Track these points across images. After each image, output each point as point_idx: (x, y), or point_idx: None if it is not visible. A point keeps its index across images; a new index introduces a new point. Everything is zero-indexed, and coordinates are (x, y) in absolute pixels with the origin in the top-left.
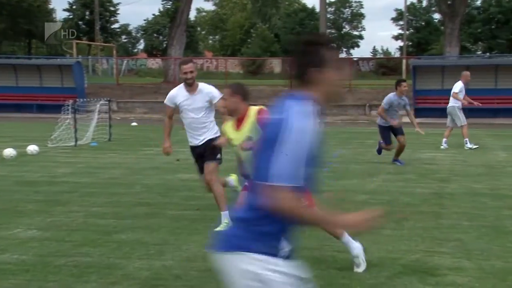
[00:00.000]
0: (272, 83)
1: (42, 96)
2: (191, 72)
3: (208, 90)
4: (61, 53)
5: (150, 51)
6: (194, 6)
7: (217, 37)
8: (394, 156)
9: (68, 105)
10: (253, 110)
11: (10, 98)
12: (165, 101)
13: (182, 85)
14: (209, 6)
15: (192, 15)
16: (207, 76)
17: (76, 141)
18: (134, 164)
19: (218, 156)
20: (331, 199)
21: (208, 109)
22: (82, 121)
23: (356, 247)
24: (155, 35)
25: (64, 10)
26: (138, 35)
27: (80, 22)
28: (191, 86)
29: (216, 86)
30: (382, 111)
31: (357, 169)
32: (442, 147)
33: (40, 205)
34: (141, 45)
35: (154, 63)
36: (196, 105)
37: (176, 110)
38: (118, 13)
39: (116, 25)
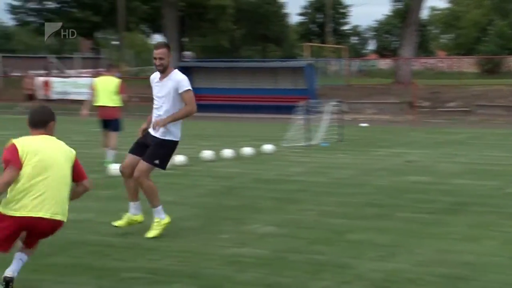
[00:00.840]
0: (510, 83)
1: (276, 97)
2: (161, 58)
3: (178, 78)
4: (294, 56)
5: (381, 52)
6: (427, 5)
7: (451, 35)
8: None
9: (300, 106)
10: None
11: (247, 99)
12: None
13: None
14: (444, 4)
15: (426, 14)
16: (439, 77)
17: (308, 141)
18: (365, 165)
19: (157, 161)
20: None
21: (169, 100)
22: (314, 122)
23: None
24: (385, 35)
25: (298, 14)
26: (369, 36)
27: (312, 25)
28: (162, 73)
29: (446, 86)
30: None
31: None
32: None
33: (275, 202)
34: (371, 46)
35: (384, 63)
36: (161, 92)
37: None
38: (349, 15)
39: (347, 27)
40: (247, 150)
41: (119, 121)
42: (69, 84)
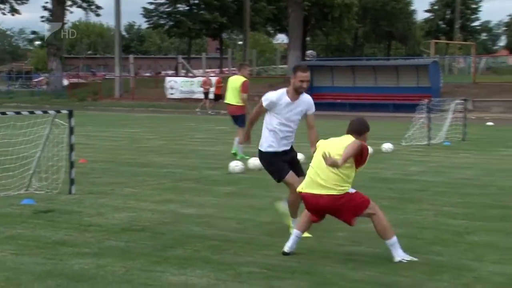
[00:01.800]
0: None
1: (398, 95)
2: (308, 81)
3: (309, 99)
4: (419, 53)
5: None
6: None
7: None
8: None
9: (423, 105)
10: None
11: (369, 98)
12: (263, 99)
13: (285, 90)
14: None
15: None
16: None
17: (429, 140)
18: (489, 165)
19: None
20: None
21: (297, 123)
22: (436, 121)
23: None
24: None
25: (425, 11)
26: (500, 31)
27: (440, 22)
28: (298, 95)
29: None
30: None
31: None
32: None
33: (393, 202)
34: (502, 42)
35: None
36: (294, 116)
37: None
38: (480, 10)
39: (476, 23)
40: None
41: (242, 117)
42: (194, 84)
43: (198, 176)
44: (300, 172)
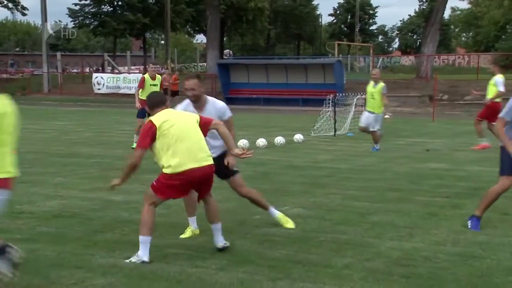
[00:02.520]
0: None
1: (307, 91)
2: (192, 89)
3: (220, 105)
4: (324, 53)
5: (404, 49)
6: (449, 5)
7: (470, 34)
8: None
9: (329, 99)
10: None
11: (281, 93)
12: None
13: (189, 100)
14: (464, 5)
15: (447, 14)
16: (458, 72)
17: (335, 131)
18: (386, 153)
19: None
20: None
21: None
22: (341, 114)
23: None
24: (409, 34)
25: (329, 15)
26: (394, 34)
27: (342, 25)
28: (196, 103)
29: (465, 81)
30: (501, 126)
31: None
32: None
33: (304, 187)
34: (396, 44)
35: (407, 60)
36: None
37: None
38: (376, 16)
39: (374, 27)
40: (279, 139)
41: (140, 111)
42: (120, 80)
43: (125, 165)
44: (232, 172)
